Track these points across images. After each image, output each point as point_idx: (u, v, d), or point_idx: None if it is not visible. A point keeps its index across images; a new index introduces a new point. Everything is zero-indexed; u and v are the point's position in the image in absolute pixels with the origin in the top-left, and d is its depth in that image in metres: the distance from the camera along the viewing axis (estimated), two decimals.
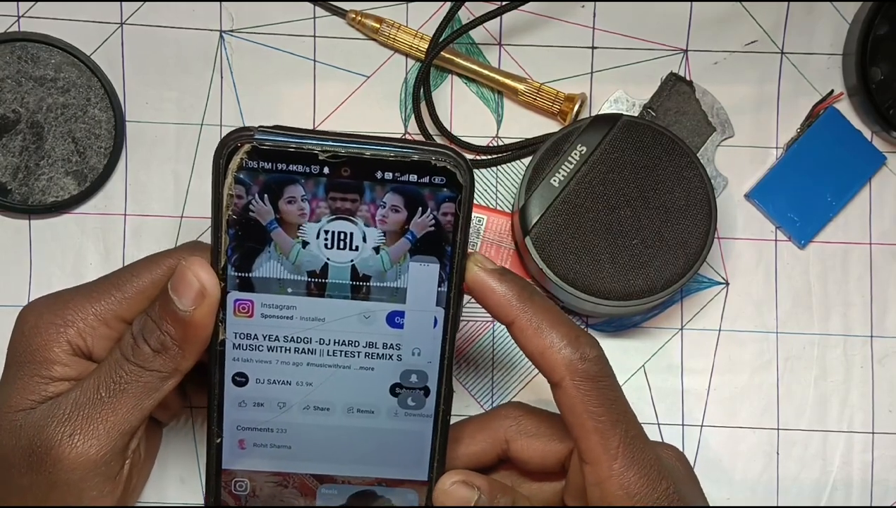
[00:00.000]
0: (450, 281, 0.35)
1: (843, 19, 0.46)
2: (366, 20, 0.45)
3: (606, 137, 0.42)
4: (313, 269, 0.35)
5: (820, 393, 0.46)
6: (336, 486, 0.38)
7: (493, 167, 0.46)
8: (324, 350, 0.36)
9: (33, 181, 0.44)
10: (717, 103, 0.46)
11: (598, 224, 0.42)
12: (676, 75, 0.46)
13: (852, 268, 0.46)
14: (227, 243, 0.34)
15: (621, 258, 0.42)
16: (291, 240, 0.34)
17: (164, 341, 0.35)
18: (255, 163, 0.33)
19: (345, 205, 0.34)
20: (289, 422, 0.37)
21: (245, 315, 0.35)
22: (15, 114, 0.44)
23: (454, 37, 0.44)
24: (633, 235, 0.42)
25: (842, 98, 0.46)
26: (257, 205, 0.34)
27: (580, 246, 0.42)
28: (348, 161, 0.33)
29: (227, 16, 0.45)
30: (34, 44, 0.44)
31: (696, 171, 0.42)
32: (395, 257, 0.35)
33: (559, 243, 0.42)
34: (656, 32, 0.46)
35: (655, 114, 0.45)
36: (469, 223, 0.35)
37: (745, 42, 0.46)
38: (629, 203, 0.42)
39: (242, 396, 0.36)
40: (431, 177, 0.34)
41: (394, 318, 0.36)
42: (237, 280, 0.35)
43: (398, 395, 0.37)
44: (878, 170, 0.46)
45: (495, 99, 0.46)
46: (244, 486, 0.38)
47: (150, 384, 0.35)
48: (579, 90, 0.46)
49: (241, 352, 0.36)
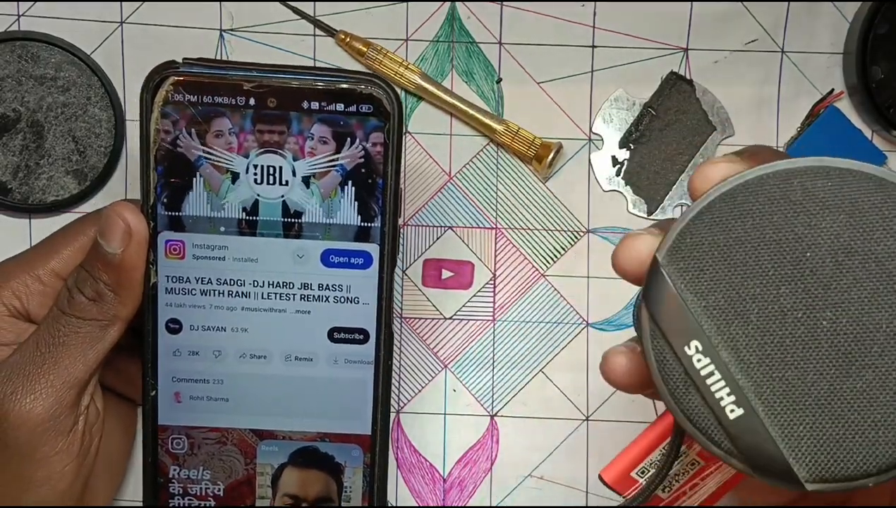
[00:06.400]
0: (383, 216, 0.34)
1: (844, 18, 0.46)
2: (354, 42, 0.45)
3: (677, 289, 0.26)
4: (244, 206, 0.34)
5: None
6: (277, 442, 0.37)
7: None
8: (258, 292, 0.35)
9: (33, 180, 0.44)
10: (718, 102, 0.46)
11: (810, 361, 0.25)
12: (677, 74, 0.46)
13: None
14: (155, 180, 0.34)
15: (866, 397, 0.25)
16: (220, 175, 0.34)
17: (98, 288, 0.34)
18: (182, 97, 0.33)
19: (272, 137, 0.34)
20: (225, 372, 0.36)
21: (176, 256, 0.35)
22: (15, 114, 0.44)
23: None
24: (857, 353, 0.25)
25: (842, 97, 0.46)
26: (185, 140, 0.34)
27: (816, 406, 0.25)
28: (274, 91, 0.33)
29: (227, 15, 0.45)
30: (34, 43, 0.44)
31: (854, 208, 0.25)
32: (326, 191, 0.34)
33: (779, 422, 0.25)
34: (656, 31, 0.46)
35: (656, 113, 0.45)
36: (401, 153, 0.34)
37: (746, 41, 0.46)
38: (815, 307, 0.25)
39: (177, 344, 0.36)
40: (358, 105, 0.33)
41: (328, 257, 0.35)
42: (167, 219, 0.34)
43: (336, 341, 0.36)
44: None
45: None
46: (181, 444, 0.37)
47: (90, 334, 0.35)
48: (579, 92, 0.46)
49: (173, 297, 0.35)
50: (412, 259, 0.46)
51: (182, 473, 0.37)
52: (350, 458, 0.37)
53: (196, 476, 0.37)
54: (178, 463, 0.37)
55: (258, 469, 0.37)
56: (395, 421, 0.46)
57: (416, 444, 0.46)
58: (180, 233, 0.35)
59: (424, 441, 0.46)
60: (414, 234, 0.46)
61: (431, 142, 0.46)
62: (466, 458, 0.46)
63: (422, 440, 0.46)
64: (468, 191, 0.46)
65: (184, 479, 0.37)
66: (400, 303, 0.46)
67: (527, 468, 0.46)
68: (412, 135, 0.46)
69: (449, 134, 0.46)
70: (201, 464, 0.37)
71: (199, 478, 0.37)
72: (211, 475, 0.37)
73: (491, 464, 0.46)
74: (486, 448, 0.46)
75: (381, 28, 0.45)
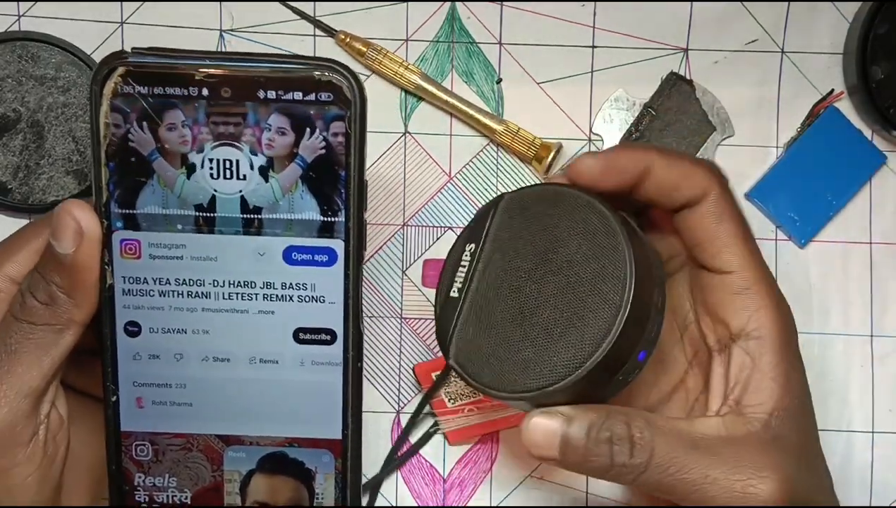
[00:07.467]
0: (347, 210, 0.33)
1: (844, 18, 0.46)
2: (354, 43, 0.45)
3: (491, 224, 0.36)
4: (200, 202, 0.33)
5: (819, 392, 0.46)
6: (244, 448, 0.36)
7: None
8: (219, 293, 0.34)
9: (34, 180, 0.44)
10: (718, 102, 0.46)
11: (507, 313, 0.35)
12: (677, 74, 0.46)
13: (852, 268, 0.46)
14: (107, 177, 0.33)
15: (538, 337, 0.34)
16: (175, 170, 0.33)
17: (51, 292, 0.33)
18: (132, 88, 0.32)
19: (228, 129, 0.32)
20: (188, 376, 0.35)
21: (132, 256, 0.34)
22: (15, 114, 0.44)
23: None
24: (544, 306, 0.34)
25: (842, 97, 0.46)
26: (136, 134, 0.32)
27: (498, 344, 0.35)
28: (227, 80, 0.32)
29: (227, 15, 0.45)
30: (35, 43, 0.44)
31: (593, 210, 0.34)
32: (286, 185, 0.33)
33: (479, 353, 0.35)
34: (656, 31, 0.46)
35: (656, 113, 0.45)
36: (364, 143, 0.33)
37: (746, 41, 0.46)
38: (532, 274, 0.35)
39: (136, 348, 0.34)
40: (317, 94, 0.32)
41: (290, 254, 0.34)
42: (122, 217, 0.33)
43: (302, 342, 0.35)
44: (878, 170, 0.46)
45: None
46: (146, 451, 0.36)
47: (43, 340, 0.33)
48: (579, 92, 0.46)
49: (131, 299, 0.34)
50: (412, 259, 0.46)
51: (147, 481, 0.36)
52: (321, 464, 0.36)
53: (162, 484, 0.36)
54: (144, 471, 0.36)
55: (226, 475, 0.36)
56: (395, 422, 0.46)
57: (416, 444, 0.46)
58: (136, 231, 0.33)
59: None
60: (414, 234, 0.46)
61: (431, 143, 0.46)
62: (466, 458, 0.46)
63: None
64: (468, 191, 0.46)
65: (150, 487, 0.36)
66: (400, 304, 0.46)
67: (527, 468, 0.46)
68: (412, 135, 0.46)
69: (449, 134, 0.46)
70: (167, 471, 0.36)
71: (166, 486, 0.36)
72: (177, 482, 0.36)
73: (491, 464, 0.46)
74: (486, 448, 0.46)
75: (381, 28, 0.45)
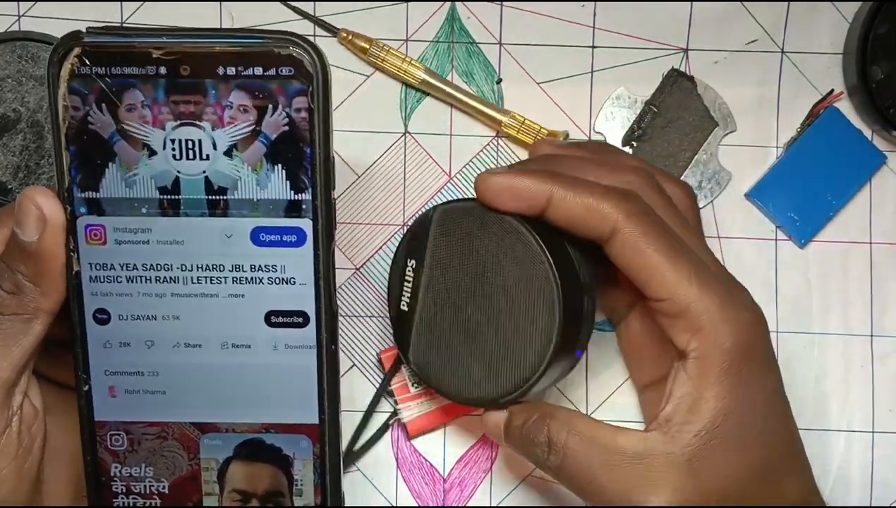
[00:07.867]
0: (314, 188, 0.33)
1: (844, 18, 0.46)
2: (356, 40, 0.45)
3: (428, 239, 0.37)
4: (164, 185, 0.33)
5: (820, 392, 0.46)
6: (220, 435, 0.35)
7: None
8: (187, 277, 0.34)
9: (34, 180, 0.44)
10: (719, 98, 0.46)
11: (454, 330, 0.37)
12: (678, 70, 0.46)
13: (852, 268, 0.46)
14: (68, 162, 0.32)
15: (484, 355, 0.37)
16: (137, 152, 0.32)
17: (16, 280, 0.33)
18: (89, 69, 0.31)
19: (188, 108, 0.32)
20: (160, 363, 0.34)
21: (98, 242, 0.33)
22: (15, 114, 0.44)
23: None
24: (486, 327, 0.37)
25: (842, 97, 0.46)
26: (96, 116, 0.32)
27: (449, 358, 0.37)
28: (185, 57, 0.31)
29: (227, 15, 0.45)
30: (35, 43, 0.44)
31: (519, 238, 0.36)
32: (251, 164, 0.32)
33: (434, 364, 0.38)
34: (656, 32, 0.46)
35: (658, 110, 0.45)
36: (329, 118, 0.32)
37: (746, 41, 0.46)
38: (472, 295, 0.37)
39: (106, 336, 0.34)
40: (278, 68, 0.31)
41: (258, 235, 0.33)
42: (85, 203, 0.33)
43: (274, 325, 0.34)
44: (878, 170, 0.46)
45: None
46: (121, 440, 0.35)
47: (12, 330, 0.33)
48: (579, 92, 0.46)
49: (98, 286, 0.34)
50: None
51: (124, 471, 0.36)
52: (298, 449, 0.35)
53: (139, 474, 0.36)
54: (119, 461, 0.35)
55: (202, 464, 0.36)
56: (395, 422, 0.46)
57: (416, 444, 0.46)
58: (100, 216, 0.33)
59: (424, 442, 0.46)
60: None
61: (431, 143, 0.46)
62: (466, 458, 0.46)
63: (422, 440, 0.46)
64: (468, 191, 0.46)
65: (126, 477, 0.36)
66: None
67: (527, 468, 0.46)
68: (412, 135, 0.46)
69: (449, 134, 0.46)
70: (143, 461, 0.35)
71: (142, 476, 0.36)
72: (154, 472, 0.36)
73: (491, 464, 0.46)
74: (486, 448, 0.46)
75: (382, 28, 0.45)
